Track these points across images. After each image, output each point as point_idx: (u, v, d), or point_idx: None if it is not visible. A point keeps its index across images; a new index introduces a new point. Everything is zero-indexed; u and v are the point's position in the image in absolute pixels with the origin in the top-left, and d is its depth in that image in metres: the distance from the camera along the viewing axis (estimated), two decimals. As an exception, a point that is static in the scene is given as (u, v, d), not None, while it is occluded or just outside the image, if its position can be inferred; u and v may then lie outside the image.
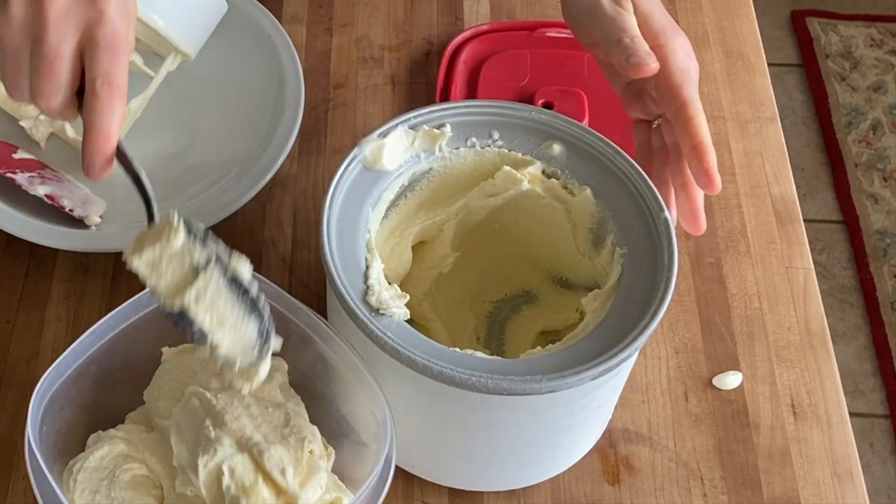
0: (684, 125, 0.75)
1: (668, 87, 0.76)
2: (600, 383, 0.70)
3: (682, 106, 0.75)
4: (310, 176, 0.95)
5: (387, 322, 0.68)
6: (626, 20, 0.77)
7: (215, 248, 0.67)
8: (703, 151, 0.74)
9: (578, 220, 0.78)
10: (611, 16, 0.77)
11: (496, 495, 0.80)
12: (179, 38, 0.91)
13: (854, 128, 2.19)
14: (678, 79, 0.76)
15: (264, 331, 0.67)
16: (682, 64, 0.77)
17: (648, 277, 0.71)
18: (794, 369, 0.86)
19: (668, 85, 0.76)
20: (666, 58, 0.76)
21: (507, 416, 0.71)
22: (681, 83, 0.76)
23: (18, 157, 0.90)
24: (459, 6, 1.07)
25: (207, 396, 0.71)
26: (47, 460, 0.67)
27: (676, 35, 0.78)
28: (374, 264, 0.71)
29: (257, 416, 0.70)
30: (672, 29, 0.78)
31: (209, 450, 0.67)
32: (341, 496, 0.71)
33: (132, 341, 0.74)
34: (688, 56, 0.78)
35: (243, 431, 0.69)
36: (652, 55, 0.75)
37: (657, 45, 0.77)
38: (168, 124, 0.96)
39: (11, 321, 0.86)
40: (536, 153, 0.77)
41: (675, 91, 0.76)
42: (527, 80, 0.98)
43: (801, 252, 0.92)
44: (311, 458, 0.70)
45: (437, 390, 0.68)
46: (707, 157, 0.74)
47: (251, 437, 0.69)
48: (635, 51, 0.75)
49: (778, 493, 0.81)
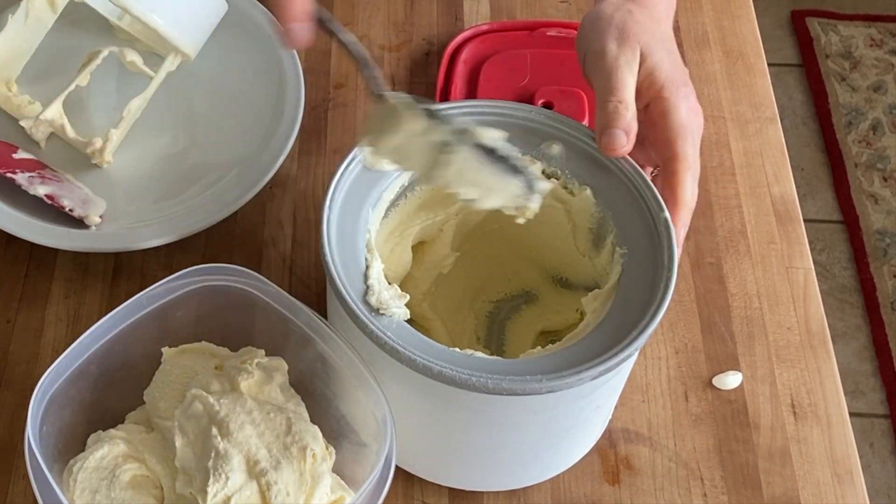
0: (667, 178, 0.74)
1: (663, 140, 0.75)
2: (600, 383, 0.70)
3: (671, 159, 0.74)
4: (310, 176, 0.95)
5: (387, 322, 0.69)
6: (619, 78, 0.74)
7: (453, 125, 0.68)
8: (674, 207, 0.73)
9: (578, 220, 0.78)
10: (608, 69, 0.75)
11: (496, 495, 0.80)
12: (179, 38, 0.91)
13: (854, 128, 2.19)
14: (673, 133, 0.74)
15: (529, 182, 0.69)
16: (681, 119, 0.75)
17: (648, 277, 0.71)
18: (794, 369, 0.86)
19: (664, 138, 0.75)
20: (666, 111, 0.75)
21: (507, 417, 0.71)
22: (675, 137, 0.74)
23: (18, 157, 0.90)
24: (459, 6, 1.07)
25: (210, 401, 0.71)
26: (47, 460, 0.67)
27: (683, 89, 0.76)
28: (374, 264, 0.71)
29: (260, 422, 0.71)
30: (678, 82, 0.76)
31: (220, 475, 0.68)
32: (344, 495, 0.71)
33: (132, 341, 0.74)
34: (691, 112, 0.75)
35: (249, 446, 0.69)
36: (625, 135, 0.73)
37: (660, 97, 0.75)
38: (168, 124, 0.96)
39: (11, 321, 0.86)
40: (536, 153, 0.77)
41: (669, 144, 0.74)
42: (527, 80, 0.98)
43: (801, 252, 0.92)
44: (314, 464, 0.70)
45: (436, 390, 0.68)
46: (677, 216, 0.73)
47: (258, 458, 0.69)
48: (609, 123, 0.73)
49: (778, 493, 0.81)
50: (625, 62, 0.75)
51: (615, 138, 0.73)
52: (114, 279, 0.88)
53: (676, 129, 0.74)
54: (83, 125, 0.94)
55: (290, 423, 0.71)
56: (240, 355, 0.76)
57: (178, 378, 0.75)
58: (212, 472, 0.68)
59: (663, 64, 0.76)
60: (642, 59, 0.76)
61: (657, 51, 0.76)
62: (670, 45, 0.78)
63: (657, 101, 0.75)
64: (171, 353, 0.76)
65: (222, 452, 0.68)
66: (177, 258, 0.89)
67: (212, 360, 0.76)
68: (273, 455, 0.69)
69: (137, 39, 0.98)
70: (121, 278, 0.88)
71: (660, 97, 0.75)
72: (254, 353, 0.76)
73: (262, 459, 0.69)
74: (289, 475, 0.69)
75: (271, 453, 0.69)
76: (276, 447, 0.70)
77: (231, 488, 0.68)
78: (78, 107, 0.94)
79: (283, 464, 0.69)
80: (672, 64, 0.76)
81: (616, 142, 0.73)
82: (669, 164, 0.74)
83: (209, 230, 0.89)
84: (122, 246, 0.86)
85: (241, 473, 0.68)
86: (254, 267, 0.87)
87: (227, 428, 0.69)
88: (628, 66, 0.75)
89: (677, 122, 0.75)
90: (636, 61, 0.75)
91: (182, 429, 0.71)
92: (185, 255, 0.89)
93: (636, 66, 0.75)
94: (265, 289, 0.74)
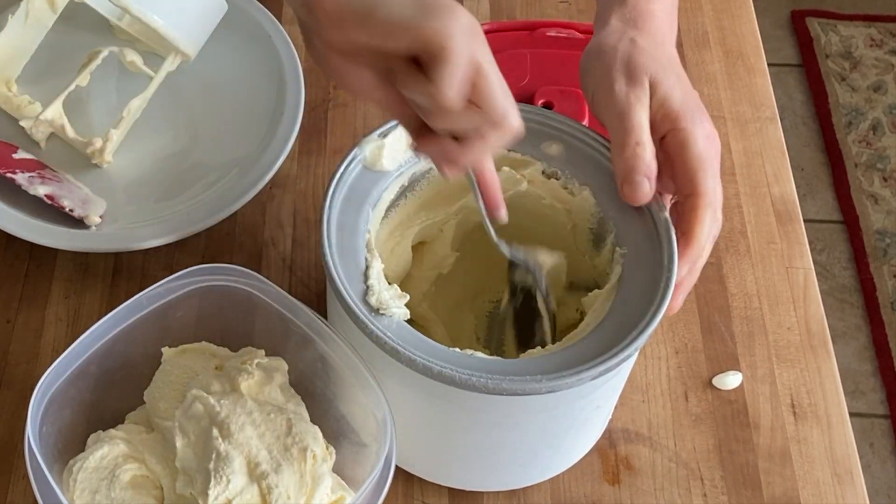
0: (685, 213, 0.72)
1: (682, 174, 0.72)
2: (600, 383, 0.70)
3: (691, 195, 0.72)
4: (310, 176, 0.95)
5: (387, 322, 0.68)
6: (633, 117, 0.72)
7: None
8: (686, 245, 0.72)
9: (578, 220, 0.78)
10: (619, 109, 0.72)
11: (496, 495, 0.80)
12: (179, 38, 0.91)
13: (854, 128, 2.19)
14: (693, 166, 0.72)
15: None
16: (699, 151, 0.72)
17: (648, 278, 0.71)
18: (794, 369, 0.86)
19: (683, 171, 0.72)
20: (684, 142, 0.72)
21: (506, 417, 0.71)
22: (695, 171, 0.72)
23: (18, 157, 0.90)
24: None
25: (211, 402, 0.71)
26: (47, 460, 0.67)
27: (698, 116, 0.73)
28: (374, 264, 0.71)
29: (260, 423, 0.71)
30: (693, 110, 0.73)
31: (221, 478, 0.68)
32: (344, 495, 0.71)
33: (132, 341, 0.74)
34: (709, 140, 0.73)
35: (250, 447, 0.69)
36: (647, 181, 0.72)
37: (676, 128, 0.73)
38: (168, 124, 0.96)
39: (11, 321, 0.86)
40: (536, 153, 0.77)
41: (689, 178, 0.72)
42: (527, 80, 0.98)
43: (801, 252, 0.92)
44: (314, 465, 0.70)
45: (436, 390, 0.68)
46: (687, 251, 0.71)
47: (259, 460, 0.69)
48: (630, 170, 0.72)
49: (778, 493, 0.81)
50: (636, 99, 0.73)
51: (639, 187, 0.72)
52: (114, 279, 0.88)
53: (696, 161, 0.72)
54: (83, 125, 0.94)
55: (290, 424, 0.71)
56: (240, 355, 0.76)
57: (178, 378, 0.75)
58: (213, 474, 0.68)
59: (674, 93, 0.73)
60: (653, 91, 0.73)
61: (666, 79, 0.73)
62: (677, 69, 0.76)
63: (673, 132, 0.73)
64: (171, 353, 0.76)
65: (223, 454, 0.68)
66: (177, 258, 0.89)
67: (212, 360, 0.76)
68: (274, 457, 0.69)
69: (137, 39, 0.98)
70: (121, 278, 0.88)
71: (676, 129, 0.73)
72: (254, 354, 0.76)
73: (262, 461, 0.69)
74: (289, 477, 0.69)
75: (272, 455, 0.69)
76: (277, 448, 0.70)
77: (232, 491, 0.68)
78: (78, 107, 0.94)
79: (284, 466, 0.69)
80: (683, 90, 0.74)
81: (640, 191, 0.72)
82: (690, 199, 0.72)
83: (209, 230, 0.89)
84: (122, 246, 0.86)
85: (243, 476, 0.68)
86: (254, 267, 0.87)
87: (227, 429, 0.69)
88: (640, 104, 0.73)
89: (696, 155, 0.72)
90: (646, 96, 0.73)
91: (182, 429, 0.71)
92: (185, 255, 0.89)
93: (647, 101, 0.73)
94: (265, 289, 0.74)
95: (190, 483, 0.70)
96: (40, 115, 0.91)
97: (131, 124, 0.93)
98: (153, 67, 0.94)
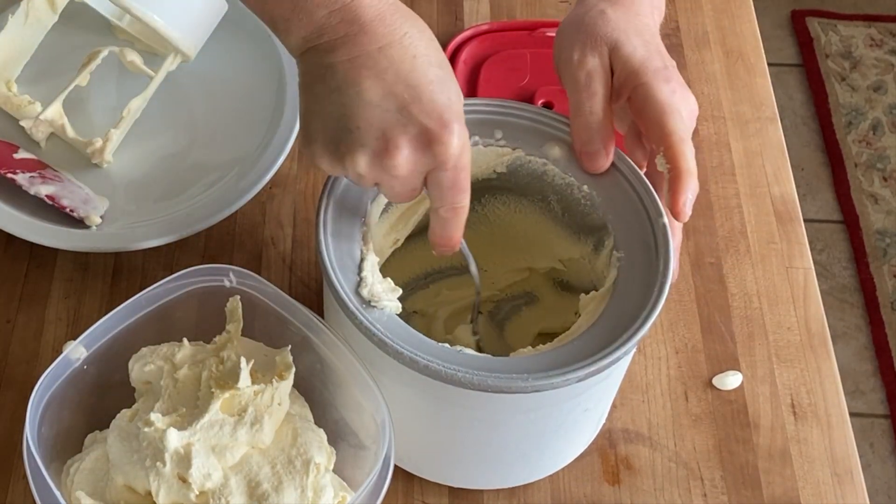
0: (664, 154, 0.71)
1: (651, 123, 0.72)
2: (588, 385, 0.69)
3: (662, 137, 0.71)
4: (310, 176, 0.95)
5: (377, 314, 0.68)
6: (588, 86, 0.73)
7: None
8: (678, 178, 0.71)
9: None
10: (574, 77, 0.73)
11: (496, 495, 0.80)
12: (179, 38, 0.91)
13: (854, 128, 2.19)
14: (658, 113, 0.71)
15: None
16: (663, 98, 0.71)
17: (643, 282, 0.71)
18: (794, 369, 0.86)
19: (651, 121, 0.72)
20: (646, 95, 0.72)
21: (493, 414, 0.71)
22: (660, 115, 0.71)
23: (19, 157, 0.90)
24: (459, 6, 1.06)
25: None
26: (46, 461, 0.67)
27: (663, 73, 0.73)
28: (369, 257, 0.71)
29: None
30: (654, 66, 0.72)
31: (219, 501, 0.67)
32: (346, 495, 0.71)
33: (132, 341, 0.74)
34: (675, 94, 0.72)
35: (251, 465, 0.68)
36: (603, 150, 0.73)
37: (637, 84, 0.72)
38: (168, 124, 0.96)
39: (11, 321, 0.86)
40: (536, 153, 0.77)
41: (657, 124, 0.71)
42: (527, 79, 0.98)
43: (801, 252, 0.92)
44: (317, 476, 0.69)
45: (426, 385, 0.68)
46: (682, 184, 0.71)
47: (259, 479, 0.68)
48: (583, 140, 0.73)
49: (778, 493, 0.81)
50: (592, 68, 0.73)
51: (594, 156, 0.74)
52: (114, 279, 0.88)
53: (660, 108, 0.71)
54: (83, 125, 0.93)
55: (296, 433, 0.70)
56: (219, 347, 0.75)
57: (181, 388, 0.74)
58: (210, 497, 0.67)
59: (636, 53, 0.73)
60: (615, 56, 0.73)
61: (628, 42, 0.73)
62: (647, 35, 0.75)
63: (636, 89, 0.72)
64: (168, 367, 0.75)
65: (222, 478, 0.68)
66: (177, 258, 0.89)
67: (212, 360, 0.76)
68: (276, 472, 0.69)
69: (137, 39, 0.98)
70: (121, 278, 0.88)
71: (638, 85, 0.72)
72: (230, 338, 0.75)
73: (263, 481, 0.68)
74: (290, 494, 0.68)
75: (274, 470, 0.69)
76: (281, 462, 0.69)
77: None
78: (78, 107, 0.94)
79: (286, 483, 0.68)
80: (647, 51, 0.73)
81: (595, 162, 0.74)
82: (663, 142, 0.71)
83: (209, 230, 0.89)
84: (122, 246, 0.86)
85: (241, 497, 0.68)
86: (254, 267, 0.87)
87: (224, 456, 0.68)
88: (596, 73, 0.73)
89: (660, 102, 0.71)
90: (603, 65, 0.73)
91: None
92: (185, 255, 0.89)
93: (603, 70, 0.73)
94: (264, 289, 0.74)
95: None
96: (40, 115, 0.91)
97: (131, 124, 0.93)
98: (153, 67, 0.94)
